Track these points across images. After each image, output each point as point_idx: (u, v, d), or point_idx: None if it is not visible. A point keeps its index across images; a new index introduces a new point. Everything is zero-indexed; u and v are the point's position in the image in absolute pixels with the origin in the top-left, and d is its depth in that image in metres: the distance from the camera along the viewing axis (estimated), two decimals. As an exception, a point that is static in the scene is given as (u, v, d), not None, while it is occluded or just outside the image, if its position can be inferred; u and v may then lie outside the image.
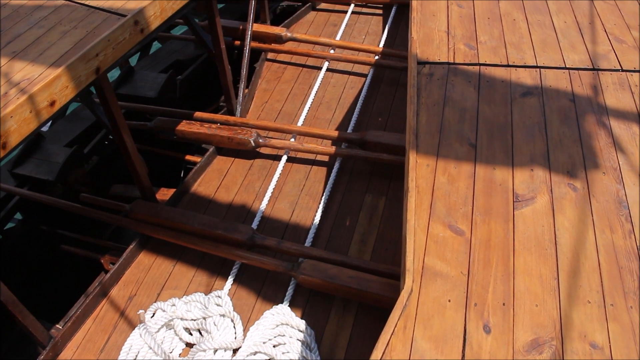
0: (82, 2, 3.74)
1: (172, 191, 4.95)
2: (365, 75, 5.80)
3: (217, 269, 4.05)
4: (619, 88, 3.40)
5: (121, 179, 5.91)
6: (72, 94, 3.16)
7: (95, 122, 6.06)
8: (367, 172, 4.68)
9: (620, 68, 3.56)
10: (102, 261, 4.81)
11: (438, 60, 3.59)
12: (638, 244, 2.55)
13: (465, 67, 3.55)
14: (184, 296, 3.80)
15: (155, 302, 3.79)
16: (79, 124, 6.21)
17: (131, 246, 4.19)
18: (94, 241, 5.41)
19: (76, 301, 4.33)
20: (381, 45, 6.24)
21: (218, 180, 4.81)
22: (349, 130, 5.06)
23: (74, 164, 5.39)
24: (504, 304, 2.34)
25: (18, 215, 5.76)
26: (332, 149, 4.68)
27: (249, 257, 3.90)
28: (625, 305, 2.33)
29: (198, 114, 5.21)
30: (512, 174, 2.87)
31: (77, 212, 4.72)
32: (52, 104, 3.02)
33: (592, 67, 3.58)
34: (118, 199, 5.13)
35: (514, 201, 2.74)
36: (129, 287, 4.01)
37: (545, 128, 3.14)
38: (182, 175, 6.93)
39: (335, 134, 4.79)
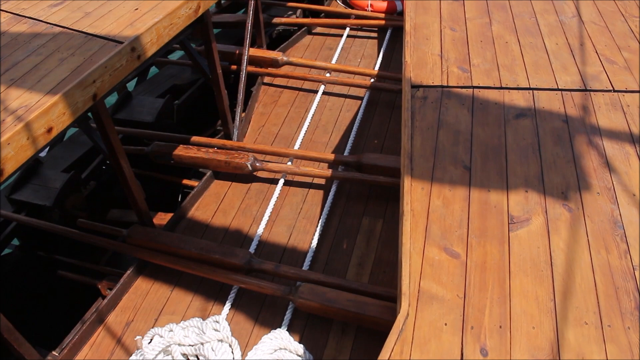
0: (80, 29, 3.78)
1: (169, 216, 4.95)
2: (361, 98, 5.84)
3: (214, 293, 4.04)
4: (611, 108, 3.43)
5: (119, 204, 5.91)
6: (69, 120, 3.18)
7: (93, 147, 6.08)
8: (364, 194, 4.69)
9: (612, 89, 3.58)
10: (99, 287, 4.78)
11: (432, 84, 3.62)
12: (634, 264, 2.55)
13: (459, 90, 3.58)
14: (182, 321, 3.77)
15: (152, 327, 3.77)
16: (76, 149, 6.22)
17: (128, 271, 4.18)
18: (91, 267, 5.38)
19: (73, 328, 4.30)
20: (377, 68, 6.30)
21: (215, 205, 4.81)
22: (346, 153, 5.08)
23: (71, 190, 5.39)
24: (500, 327, 2.34)
25: (15, 241, 5.75)
26: (329, 172, 4.69)
27: (247, 282, 3.89)
28: (623, 326, 2.32)
29: (195, 138, 5.23)
30: (506, 196, 2.88)
31: (74, 238, 4.71)
32: (49, 130, 3.04)
33: (584, 88, 3.60)
34: (115, 224, 5.12)
35: (509, 223, 2.75)
36: (126, 313, 3.99)
37: (539, 149, 3.16)
38: (179, 199, 6.93)
39: (331, 157, 4.81)
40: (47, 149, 6.08)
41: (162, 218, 5.19)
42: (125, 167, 3.98)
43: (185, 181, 6.14)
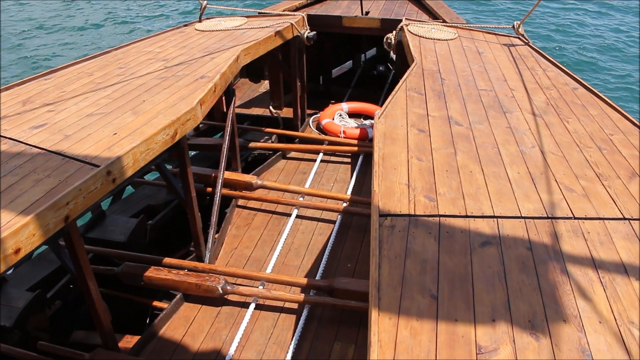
0: (58, 151, 3.87)
1: (136, 338, 4.80)
2: (333, 222, 5.94)
3: None
4: (573, 235, 3.53)
5: (84, 324, 5.72)
6: (39, 241, 3.17)
7: (61, 265, 5.98)
8: (336, 319, 4.64)
9: (572, 216, 3.71)
10: (53, 417, 4.53)
11: (399, 213, 3.71)
12: (604, 396, 2.53)
13: (426, 218, 3.67)
14: None
15: None
16: (44, 267, 6.10)
17: (87, 400, 3.98)
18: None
19: None
20: (349, 192, 6.47)
21: (184, 328, 4.70)
22: (318, 276, 5.08)
23: (34, 310, 5.23)
24: None
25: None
26: (301, 297, 4.67)
27: (211, 412, 3.73)
28: None
29: (166, 260, 5.21)
30: (474, 325, 2.88)
31: (32, 362, 4.52)
32: (17, 251, 3.02)
33: (546, 215, 3.72)
34: (79, 346, 4.94)
35: (477, 353, 2.73)
36: None
37: (505, 277, 3.20)
38: (147, 321, 6.74)
39: (303, 281, 4.81)
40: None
41: (128, 341, 5.03)
42: (92, 288, 3.92)
43: (155, 303, 6.01)
